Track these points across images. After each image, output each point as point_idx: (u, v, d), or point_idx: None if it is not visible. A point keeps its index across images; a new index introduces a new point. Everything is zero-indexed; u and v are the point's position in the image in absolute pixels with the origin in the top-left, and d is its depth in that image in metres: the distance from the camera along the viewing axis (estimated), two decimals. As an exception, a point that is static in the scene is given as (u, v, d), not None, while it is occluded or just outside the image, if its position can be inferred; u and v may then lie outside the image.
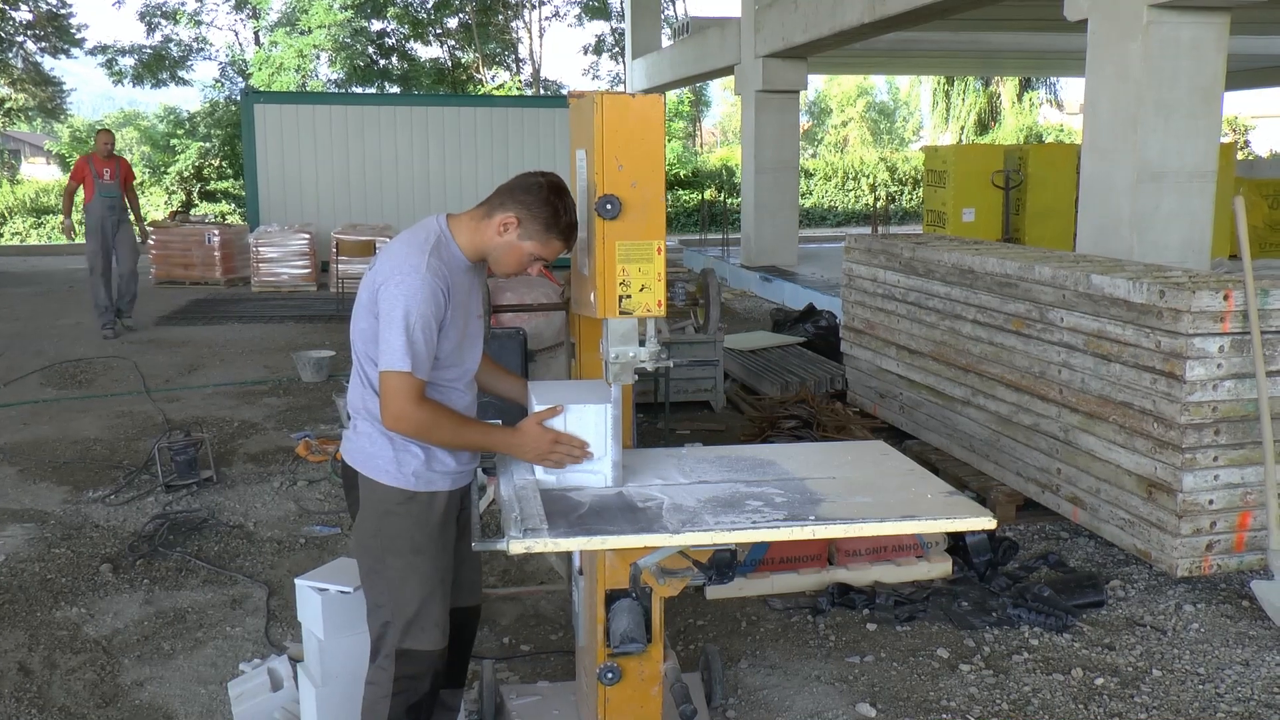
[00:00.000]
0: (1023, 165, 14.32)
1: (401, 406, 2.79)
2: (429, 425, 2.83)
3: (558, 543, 2.68)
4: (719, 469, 3.24)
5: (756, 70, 15.85)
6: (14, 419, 8.17)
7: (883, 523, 2.84)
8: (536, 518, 2.74)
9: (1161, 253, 7.10)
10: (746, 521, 2.77)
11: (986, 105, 37.09)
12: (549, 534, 2.67)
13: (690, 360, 7.90)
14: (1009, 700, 3.93)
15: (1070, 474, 5.31)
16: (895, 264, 7.08)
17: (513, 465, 3.15)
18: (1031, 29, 17.22)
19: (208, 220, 21.88)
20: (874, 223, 21.13)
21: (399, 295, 2.75)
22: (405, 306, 2.74)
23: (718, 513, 2.83)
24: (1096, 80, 7.56)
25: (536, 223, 2.88)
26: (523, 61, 37.16)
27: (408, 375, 2.76)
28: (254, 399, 8.76)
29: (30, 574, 5.13)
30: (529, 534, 2.66)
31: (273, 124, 17.79)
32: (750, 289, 15.56)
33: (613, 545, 2.76)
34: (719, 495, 2.98)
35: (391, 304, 2.76)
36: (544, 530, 2.68)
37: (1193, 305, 4.45)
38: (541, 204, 2.88)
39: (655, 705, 3.14)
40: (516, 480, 3.04)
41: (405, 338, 2.74)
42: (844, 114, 51.18)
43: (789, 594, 4.81)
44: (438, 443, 2.90)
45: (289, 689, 3.83)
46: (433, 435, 2.86)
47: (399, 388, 2.77)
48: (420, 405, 2.81)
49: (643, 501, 2.92)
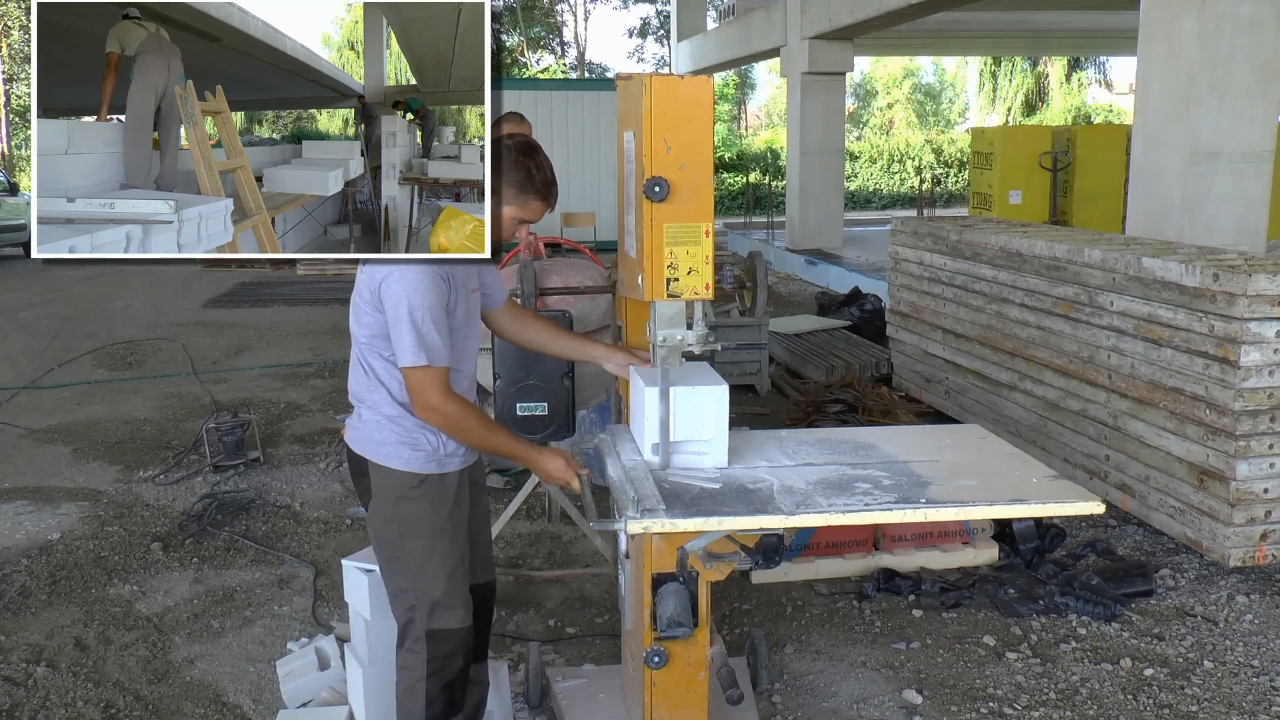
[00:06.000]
0: (1071, 147, 14.12)
1: (430, 399, 2.81)
2: (457, 418, 2.85)
3: (675, 523, 2.67)
4: (821, 451, 3.23)
5: (802, 52, 15.73)
6: (67, 400, 8.30)
7: (993, 506, 2.82)
8: (653, 498, 2.74)
9: (1214, 236, 6.97)
10: (859, 504, 2.76)
11: (1034, 86, 36.56)
12: (666, 514, 2.67)
13: (736, 344, 7.88)
14: (1056, 689, 3.89)
15: (1119, 461, 5.24)
16: (942, 247, 7.01)
17: (619, 446, 3.15)
18: (1081, 7, 16.98)
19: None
20: (920, 205, 20.94)
21: (402, 291, 2.76)
22: (410, 302, 2.75)
23: (829, 495, 2.82)
24: (1148, 59, 7.43)
25: (510, 187, 2.88)
26: (568, 45, 37.16)
27: (427, 368, 2.78)
28: (300, 381, 8.84)
29: (85, 551, 5.22)
30: (646, 514, 2.66)
31: (318, 107, 17.87)
32: (795, 272, 15.48)
33: (729, 527, 2.74)
34: (826, 477, 2.97)
35: (396, 301, 2.77)
36: (661, 510, 2.68)
37: (1248, 289, 4.37)
38: (512, 167, 2.88)
39: (701, 689, 3.14)
40: (625, 461, 3.03)
41: (415, 332, 2.76)
42: (890, 96, 50.65)
43: (834, 579, 4.79)
44: (465, 438, 2.92)
45: (336, 668, 3.87)
46: (460, 428, 2.88)
47: (422, 381, 2.80)
48: (449, 398, 2.83)
49: (753, 483, 2.92)
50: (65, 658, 4.19)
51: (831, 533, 4.80)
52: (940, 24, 17.07)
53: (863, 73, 49.63)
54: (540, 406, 4.16)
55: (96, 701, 3.87)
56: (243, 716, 3.80)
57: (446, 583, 2.98)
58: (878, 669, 4.05)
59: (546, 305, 5.30)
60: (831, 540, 4.84)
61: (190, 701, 3.88)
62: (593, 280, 5.57)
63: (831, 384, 7.47)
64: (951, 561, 4.91)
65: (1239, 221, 7.18)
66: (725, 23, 21.56)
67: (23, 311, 12.67)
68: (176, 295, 13.87)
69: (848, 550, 4.87)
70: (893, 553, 4.90)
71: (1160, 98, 7.29)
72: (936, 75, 52.91)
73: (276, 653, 4.20)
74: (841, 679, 3.98)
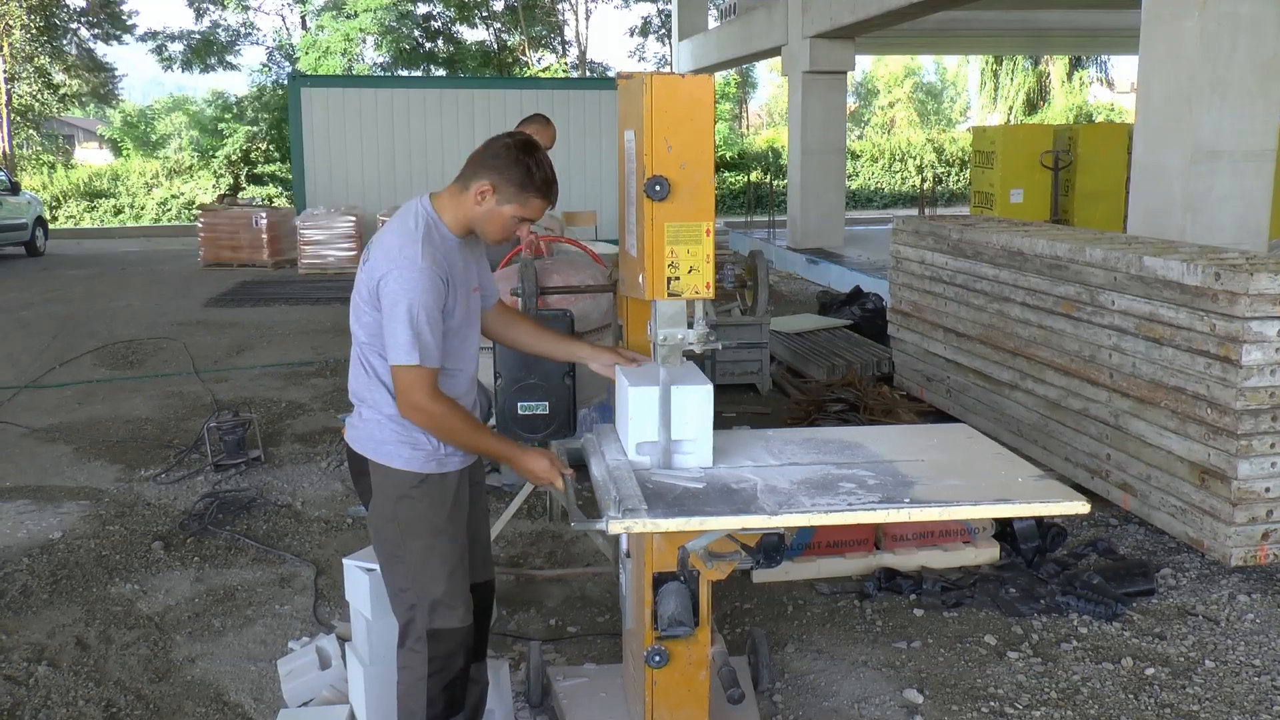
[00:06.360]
0: (1072, 145, 14.11)
1: (416, 399, 2.82)
2: (443, 418, 2.85)
3: (657, 523, 2.66)
4: (807, 451, 3.22)
5: (804, 51, 15.72)
6: (69, 399, 8.31)
7: (977, 505, 2.81)
8: (635, 498, 2.74)
9: (1215, 235, 6.97)
10: (842, 503, 2.76)
11: (1035, 85, 36.54)
12: (648, 514, 2.67)
13: (737, 343, 7.88)
14: (1058, 689, 3.89)
15: (1120, 460, 5.23)
16: (943, 246, 7.01)
17: (604, 446, 3.15)
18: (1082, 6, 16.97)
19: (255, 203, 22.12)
20: (921, 204, 20.92)
21: (400, 289, 2.76)
22: (408, 300, 2.75)
23: (812, 494, 2.81)
24: (1150, 58, 7.42)
25: (511, 185, 2.88)
26: (569, 44, 37.12)
27: (418, 368, 2.79)
28: (301, 380, 8.84)
29: (86, 550, 5.22)
30: (628, 514, 2.65)
31: (319, 108, 17.90)
32: (796, 271, 15.48)
33: (711, 526, 2.73)
34: (811, 477, 2.97)
35: (394, 299, 2.77)
36: (643, 511, 2.67)
37: (1250, 288, 4.36)
38: (512, 165, 2.87)
39: (702, 688, 3.13)
40: (610, 461, 3.03)
41: (410, 331, 2.76)
42: (891, 95, 50.67)
43: (835, 578, 4.79)
44: (449, 438, 2.91)
45: (337, 667, 3.87)
46: (445, 429, 2.88)
47: (412, 381, 2.80)
48: (435, 399, 2.83)
49: (736, 483, 2.91)
50: (66, 657, 4.19)
51: (833, 532, 4.80)
52: (941, 23, 17.06)
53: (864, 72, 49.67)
54: (541, 406, 4.16)
55: (98, 700, 3.87)
56: (244, 715, 3.80)
57: (447, 582, 2.99)
58: (879, 668, 4.05)
59: (548, 304, 5.30)
60: (833, 539, 4.84)
61: (191, 700, 3.88)
62: (594, 279, 5.56)
63: (833, 383, 7.47)
64: (953, 561, 4.91)
65: (1240, 220, 7.17)
66: (726, 22, 21.56)
67: (24, 310, 12.68)
68: (177, 294, 13.88)
69: (849, 549, 4.86)
70: (894, 552, 4.90)
71: (1161, 97, 7.29)
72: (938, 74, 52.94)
73: (277, 652, 4.20)
74: (842, 678, 3.98)
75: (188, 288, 12.87)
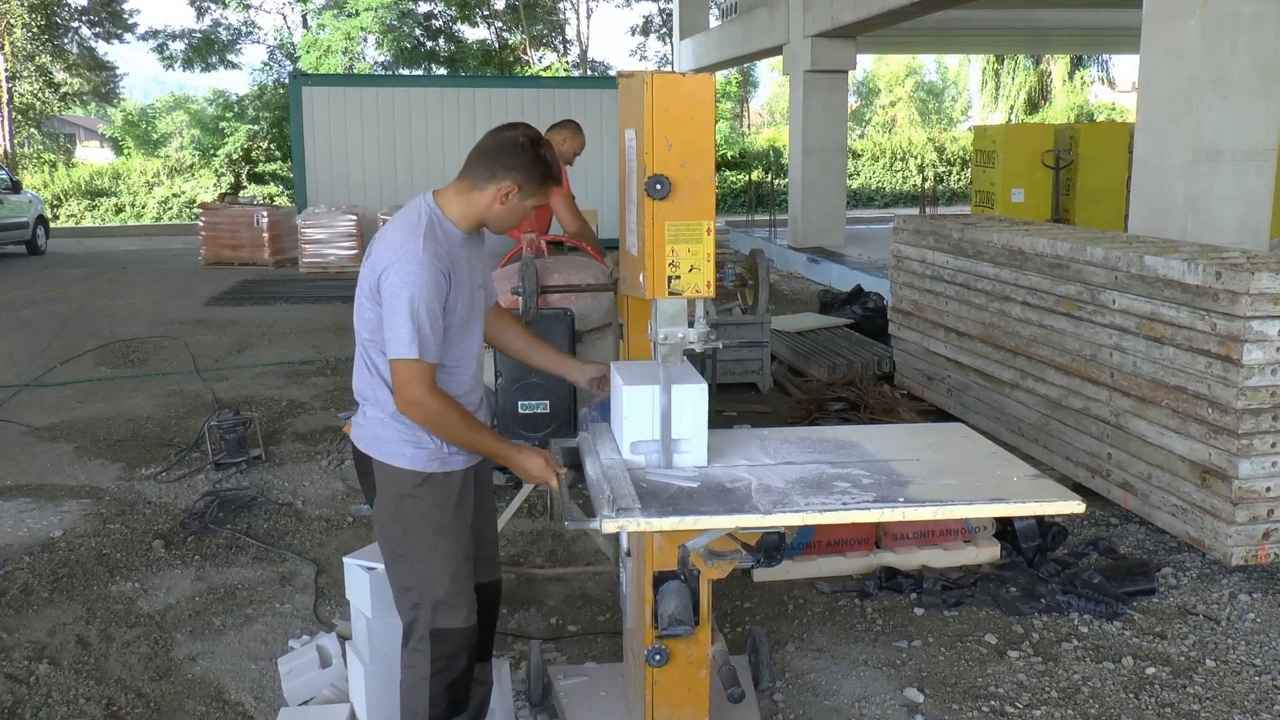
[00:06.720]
0: (1073, 145, 14.12)
1: (413, 393, 2.81)
2: (439, 414, 2.84)
3: (651, 522, 2.66)
4: (802, 450, 3.22)
5: (805, 50, 15.72)
6: (70, 397, 8.31)
7: (972, 505, 2.82)
8: (629, 497, 2.74)
9: (1216, 234, 6.97)
10: (836, 503, 2.76)
11: (1037, 84, 36.54)
12: (642, 514, 2.66)
13: (738, 342, 7.88)
14: (1058, 688, 3.89)
15: (1121, 459, 5.23)
16: (944, 245, 7.00)
17: (599, 445, 3.15)
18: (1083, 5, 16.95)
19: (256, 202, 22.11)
20: (922, 203, 20.91)
21: (402, 283, 2.77)
22: (410, 294, 2.76)
23: (807, 494, 2.81)
24: (1150, 57, 7.41)
25: (534, 182, 2.95)
26: (570, 43, 37.11)
27: (417, 362, 2.79)
28: (302, 379, 8.85)
29: (87, 549, 5.23)
30: (622, 513, 2.65)
31: (320, 106, 17.89)
32: (797, 270, 15.48)
33: (705, 525, 2.73)
34: (806, 476, 2.97)
35: (395, 292, 2.77)
36: (637, 510, 2.67)
37: (1251, 287, 4.36)
38: (534, 162, 2.93)
39: (703, 687, 3.13)
40: (604, 460, 3.03)
41: (411, 324, 2.76)
42: (892, 94, 50.65)
43: (836, 577, 4.79)
44: (445, 435, 2.91)
45: (338, 666, 3.87)
46: (440, 425, 2.87)
47: (409, 374, 2.80)
48: (432, 394, 2.83)
49: (731, 482, 2.91)
50: (67, 655, 4.19)
51: (833, 531, 4.80)
52: (943, 22, 17.06)
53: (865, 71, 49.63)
54: (542, 404, 4.16)
55: (98, 699, 3.87)
56: (244, 714, 3.80)
57: (450, 582, 2.99)
58: (879, 667, 4.04)
59: (548, 303, 5.29)
60: (833, 538, 4.84)
61: (192, 699, 3.88)
62: (595, 278, 5.55)
63: (834, 382, 7.46)
64: (953, 560, 4.91)
65: (1241, 220, 7.17)
66: (728, 21, 21.54)
67: (25, 309, 12.68)
68: (178, 293, 13.89)
69: (849, 548, 4.86)
70: (895, 551, 4.90)
71: (1162, 96, 7.28)
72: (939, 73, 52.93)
73: (278, 650, 4.20)
74: (843, 677, 3.98)
75: (189, 286, 12.87)
